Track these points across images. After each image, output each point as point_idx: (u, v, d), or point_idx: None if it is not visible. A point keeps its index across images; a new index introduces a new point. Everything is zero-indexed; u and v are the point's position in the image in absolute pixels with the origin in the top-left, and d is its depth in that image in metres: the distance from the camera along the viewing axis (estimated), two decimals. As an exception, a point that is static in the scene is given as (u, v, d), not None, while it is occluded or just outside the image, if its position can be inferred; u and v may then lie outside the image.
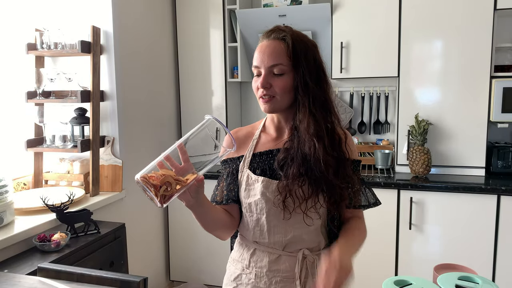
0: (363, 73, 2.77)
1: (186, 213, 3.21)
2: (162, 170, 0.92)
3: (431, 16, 2.56)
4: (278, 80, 1.09)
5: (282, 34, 1.11)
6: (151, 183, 0.89)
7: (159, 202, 0.90)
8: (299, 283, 1.14)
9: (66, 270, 1.28)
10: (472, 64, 2.53)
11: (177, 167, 0.95)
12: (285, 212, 1.10)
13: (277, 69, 1.08)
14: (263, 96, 1.10)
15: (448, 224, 2.45)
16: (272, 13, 2.82)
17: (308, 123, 1.08)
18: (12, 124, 2.25)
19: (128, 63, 2.54)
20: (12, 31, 2.24)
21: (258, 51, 1.12)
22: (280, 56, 1.08)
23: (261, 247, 1.18)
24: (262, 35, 1.15)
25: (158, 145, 2.93)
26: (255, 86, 1.13)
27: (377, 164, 2.81)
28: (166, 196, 0.91)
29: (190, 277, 3.03)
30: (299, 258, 1.15)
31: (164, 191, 0.90)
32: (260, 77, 1.11)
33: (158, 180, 0.90)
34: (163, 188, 0.90)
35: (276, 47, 1.09)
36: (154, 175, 0.91)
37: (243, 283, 1.20)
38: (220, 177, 1.24)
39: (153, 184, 0.90)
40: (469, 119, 2.57)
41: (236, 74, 3.02)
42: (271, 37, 1.12)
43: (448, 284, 1.00)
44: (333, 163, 1.07)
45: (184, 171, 0.96)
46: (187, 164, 0.97)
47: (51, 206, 1.84)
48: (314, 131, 1.07)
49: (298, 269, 1.14)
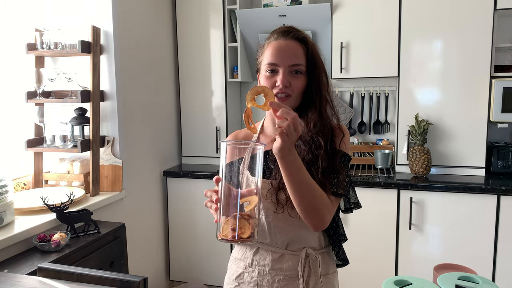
0: (363, 73, 2.77)
1: (186, 213, 3.22)
2: (225, 224, 0.93)
3: (431, 16, 2.56)
4: (296, 80, 1.11)
5: (301, 36, 1.13)
6: (239, 237, 0.91)
7: (255, 235, 0.93)
8: (302, 282, 1.14)
9: (66, 270, 1.28)
10: (472, 64, 2.53)
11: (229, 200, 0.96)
12: (278, 206, 1.11)
13: (296, 69, 1.10)
14: (279, 93, 1.10)
15: (448, 224, 2.45)
16: (272, 13, 2.82)
17: (315, 122, 1.12)
18: (12, 124, 2.25)
19: (128, 63, 2.54)
20: (12, 31, 2.24)
21: (276, 49, 1.11)
22: (300, 57, 1.11)
23: (264, 246, 1.19)
24: (276, 33, 1.15)
25: (158, 145, 2.93)
26: (269, 83, 1.12)
27: (377, 164, 2.81)
28: (250, 227, 0.92)
29: (190, 277, 3.03)
30: (302, 257, 1.15)
31: (244, 231, 0.92)
32: (275, 75, 1.11)
33: (235, 233, 0.92)
34: (246, 230, 0.92)
35: (296, 47, 1.11)
36: (228, 231, 0.92)
37: (245, 281, 1.20)
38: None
39: (240, 237, 0.91)
40: (469, 119, 2.57)
41: (236, 74, 3.02)
42: (289, 36, 1.12)
43: (448, 284, 1.00)
44: (325, 157, 1.10)
45: (242, 196, 0.96)
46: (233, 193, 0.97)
47: (51, 206, 1.84)
48: (320, 130, 1.11)
49: (301, 268, 1.15)
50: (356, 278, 2.58)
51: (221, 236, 0.92)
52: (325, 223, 1.07)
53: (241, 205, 0.94)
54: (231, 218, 0.92)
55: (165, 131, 3.03)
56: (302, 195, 1.01)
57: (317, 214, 1.04)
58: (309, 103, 1.14)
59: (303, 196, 1.01)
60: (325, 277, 1.19)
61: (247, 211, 0.93)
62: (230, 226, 0.91)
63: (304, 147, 1.11)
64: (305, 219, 1.05)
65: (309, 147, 1.10)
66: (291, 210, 1.10)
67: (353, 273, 2.57)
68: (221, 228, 0.93)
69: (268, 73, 1.12)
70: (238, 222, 0.91)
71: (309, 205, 1.02)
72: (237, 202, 0.93)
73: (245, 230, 0.91)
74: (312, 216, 1.04)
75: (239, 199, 0.94)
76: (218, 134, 3.03)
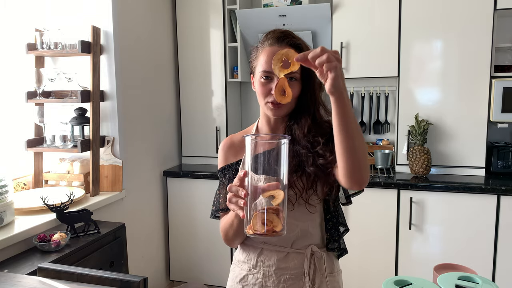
0: (363, 73, 2.77)
1: (186, 213, 3.22)
2: (254, 219, 0.92)
3: (431, 16, 2.56)
4: (292, 86, 1.09)
5: (296, 42, 1.12)
6: (272, 230, 0.91)
7: (285, 228, 0.92)
8: (308, 280, 1.14)
9: (66, 270, 1.28)
10: (472, 64, 2.53)
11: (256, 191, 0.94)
12: (288, 204, 1.11)
13: (291, 76, 1.09)
14: (275, 101, 1.09)
15: (448, 224, 2.45)
16: (272, 13, 2.82)
17: (309, 127, 1.14)
18: (12, 124, 2.25)
19: (128, 63, 2.54)
20: (12, 31, 2.24)
21: (270, 57, 1.08)
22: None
23: (269, 246, 1.18)
24: (270, 38, 1.13)
25: (158, 145, 2.93)
26: (264, 91, 1.11)
27: (377, 164, 2.81)
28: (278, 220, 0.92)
29: (190, 277, 3.03)
30: (308, 255, 1.15)
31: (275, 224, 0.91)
32: (270, 82, 1.10)
33: (267, 227, 0.91)
34: (277, 223, 0.91)
35: None
36: (257, 226, 0.92)
37: (249, 284, 1.19)
38: (220, 185, 1.25)
39: (273, 230, 0.91)
40: (469, 119, 2.57)
41: (236, 74, 3.02)
42: (283, 42, 1.11)
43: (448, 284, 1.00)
44: (330, 150, 1.10)
45: (268, 189, 0.94)
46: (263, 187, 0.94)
47: (51, 206, 1.84)
48: (316, 132, 1.13)
49: (307, 266, 1.15)
50: (356, 278, 2.58)
51: (252, 230, 0.91)
52: (368, 178, 1.03)
53: (268, 200, 0.93)
54: (260, 212, 0.92)
55: (165, 131, 3.03)
56: (359, 141, 0.96)
57: (367, 166, 1.01)
58: (303, 109, 1.15)
59: (360, 140, 0.97)
60: (330, 276, 1.19)
61: (275, 205, 0.93)
62: (260, 221, 0.91)
63: (304, 151, 1.12)
64: (357, 173, 1.00)
65: (309, 148, 1.11)
66: (309, 206, 1.12)
67: (353, 273, 2.57)
68: (251, 223, 0.92)
69: (263, 80, 1.12)
70: (268, 216, 0.91)
71: (362, 153, 0.98)
72: (263, 196, 0.93)
73: (277, 224, 0.91)
74: (363, 168, 1.00)
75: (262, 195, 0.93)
76: (218, 134, 3.03)
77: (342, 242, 1.24)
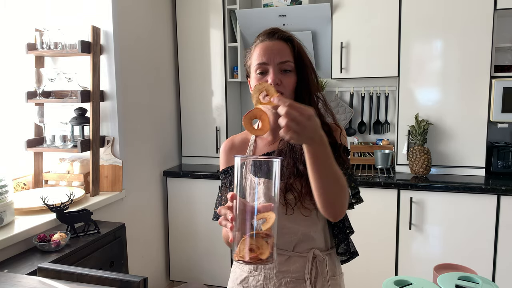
0: (363, 73, 2.77)
1: (186, 213, 3.21)
2: (241, 244, 0.86)
3: (431, 16, 2.56)
4: (287, 77, 1.10)
5: (287, 35, 1.13)
6: (257, 258, 0.84)
7: (274, 255, 0.86)
8: (309, 284, 1.13)
9: (66, 270, 1.28)
10: (472, 64, 2.53)
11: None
12: (288, 208, 1.11)
13: (286, 66, 1.10)
14: None
15: (448, 224, 2.45)
16: (272, 13, 2.82)
17: None
18: (12, 124, 2.25)
19: (128, 63, 2.54)
20: (12, 31, 2.24)
21: (263, 49, 1.11)
22: (288, 54, 1.11)
23: None
24: (261, 36, 1.16)
25: (158, 145, 2.93)
26: None
27: (377, 164, 2.81)
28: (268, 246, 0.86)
29: (190, 277, 3.03)
30: (309, 258, 1.14)
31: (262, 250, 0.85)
32: (265, 76, 1.10)
33: (253, 254, 0.85)
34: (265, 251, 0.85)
35: (282, 46, 1.12)
36: (249, 252, 0.85)
37: (250, 285, 1.19)
38: (222, 187, 1.24)
39: (259, 258, 0.84)
40: (469, 119, 2.57)
41: (236, 74, 3.02)
42: (274, 37, 1.13)
43: (448, 284, 1.00)
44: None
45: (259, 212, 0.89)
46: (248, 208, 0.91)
47: (51, 206, 1.84)
48: None
49: (308, 269, 1.14)
50: (356, 278, 2.58)
51: (238, 257, 0.85)
52: (344, 212, 1.06)
53: (258, 223, 0.87)
54: (248, 237, 0.86)
55: (165, 131, 3.03)
56: (332, 183, 0.97)
57: (341, 203, 1.02)
58: (300, 102, 1.13)
59: (334, 182, 0.97)
60: (332, 279, 1.18)
61: (264, 230, 0.86)
62: (247, 246, 0.84)
63: (299, 146, 1.10)
64: (328, 209, 1.02)
65: None
66: (303, 209, 1.11)
67: (353, 273, 2.57)
68: (238, 248, 0.86)
69: (259, 75, 1.12)
70: (256, 241, 0.84)
71: (336, 193, 0.99)
72: (252, 220, 0.86)
73: (264, 251, 0.84)
74: (338, 205, 1.02)
75: (255, 216, 0.87)
76: (218, 134, 3.03)
77: (352, 246, 1.23)
